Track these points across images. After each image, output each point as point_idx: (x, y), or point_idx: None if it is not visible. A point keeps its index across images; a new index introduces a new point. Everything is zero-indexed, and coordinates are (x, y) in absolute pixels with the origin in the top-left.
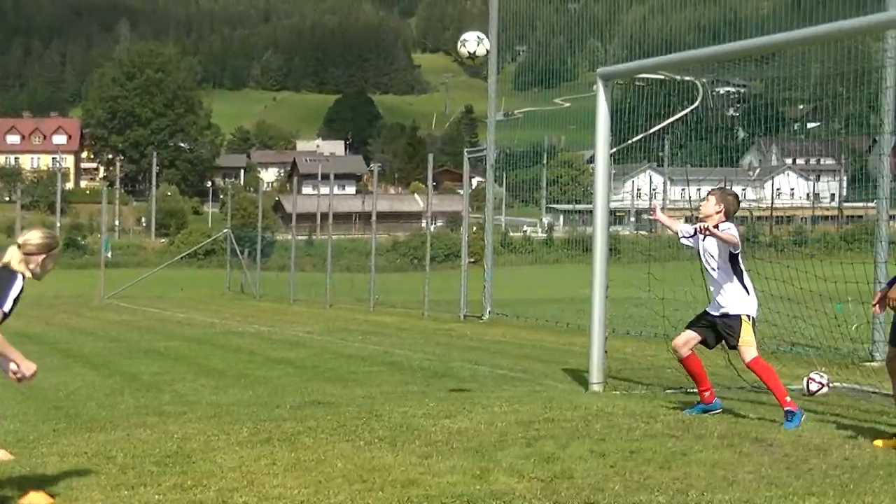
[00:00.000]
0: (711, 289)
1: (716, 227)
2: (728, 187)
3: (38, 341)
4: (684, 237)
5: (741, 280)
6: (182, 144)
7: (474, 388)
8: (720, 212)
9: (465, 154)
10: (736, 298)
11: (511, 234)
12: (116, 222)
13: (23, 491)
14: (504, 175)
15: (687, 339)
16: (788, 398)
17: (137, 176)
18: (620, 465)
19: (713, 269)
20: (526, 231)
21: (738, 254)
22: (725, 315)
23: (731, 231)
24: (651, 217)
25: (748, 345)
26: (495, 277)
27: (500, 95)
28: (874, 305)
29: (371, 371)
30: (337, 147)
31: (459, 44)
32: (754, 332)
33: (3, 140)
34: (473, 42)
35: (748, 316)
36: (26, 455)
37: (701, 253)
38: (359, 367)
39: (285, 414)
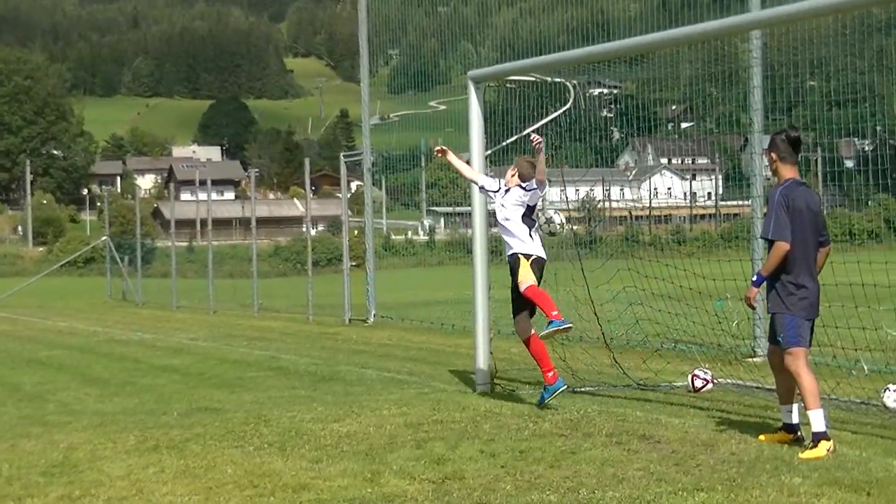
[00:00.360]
0: (504, 238)
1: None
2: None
3: None
4: (487, 189)
5: (529, 230)
6: (55, 152)
7: (362, 392)
8: (514, 175)
9: (342, 158)
10: (520, 241)
11: (393, 236)
12: None
13: None
14: (383, 179)
15: (520, 319)
16: (555, 313)
17: (11, 184)
18: (511, 465)
19: (506, 220)
20: (409, 234)
21: (533, 208)
22: (511, 255)
23: (531, 185)
24: (438, 154)
25: (525, 279)
26: (379, 281)
27: (374, 99)
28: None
29: (257, 376)
30: (213, 153)
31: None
32: (534, 273)
33: None
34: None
35: (527, 256)
36: None
37: (497, 207)
38: (245, 372)
39: (172, 421)
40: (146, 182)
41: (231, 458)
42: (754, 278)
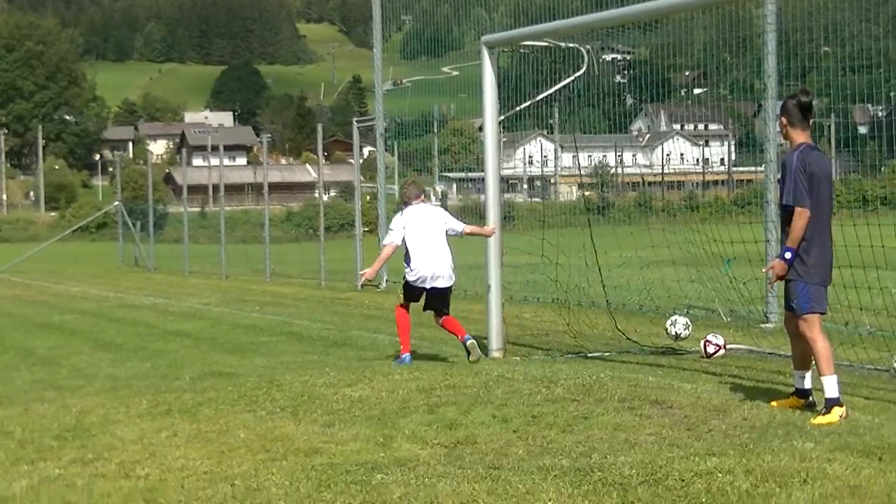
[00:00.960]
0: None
1: None
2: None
3: None
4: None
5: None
6: (67, 117)
7: (374, 357)
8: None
9: (355, 123)
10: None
11: None
12: (4, 196)
13: None
14: (395, 144)
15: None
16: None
17: (23, 149)
18: (523, 429)
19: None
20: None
21: None
22: None
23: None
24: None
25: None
26: None
27: (387, 65)
28: (768, 274)
29: (270, 341)
30: (225, 118)
31: (669, 323)
32: (404, 291)
33: None
34: (681, 326)
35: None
36: None
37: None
38: (257, 337)
39: (185, 385)
40: (158, 147)
41: (243, 422)
42: (787, 255)
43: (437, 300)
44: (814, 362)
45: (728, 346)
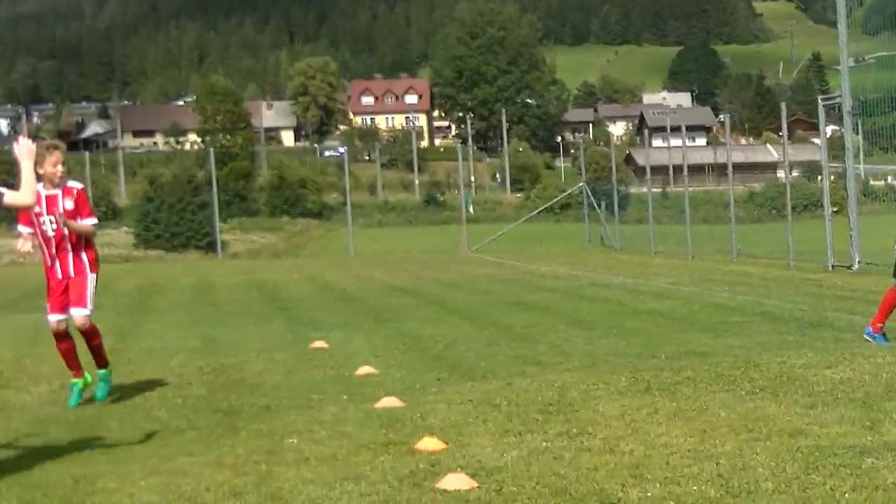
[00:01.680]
0: None
1: None
2: None
3: (413, 294)
4: None
5: None
6: (529, 100)
7: (853, 339)
8: None
9: (819, 101)
10: None
11: (872, 182)
12: (472, 178)
13: (416, 436)
14: (859, 123)
15: None
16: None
17: (487, 133)
18: None
19: None
20: (888, 179)
21: None
22: None
23: None
24: None
25: None
26: (860, 227)
27: (849, 41)
28: None
29: (742, 321)
30: (683, 99)
31: None
32: None
33: (357, 101)
34: None
35: None
36: (415, 402)
37: None
38: (728, 317)
39: (662, 364)
40: (617, 129)
41: (723, 401)
42: None
43: None
44: None
45: None
